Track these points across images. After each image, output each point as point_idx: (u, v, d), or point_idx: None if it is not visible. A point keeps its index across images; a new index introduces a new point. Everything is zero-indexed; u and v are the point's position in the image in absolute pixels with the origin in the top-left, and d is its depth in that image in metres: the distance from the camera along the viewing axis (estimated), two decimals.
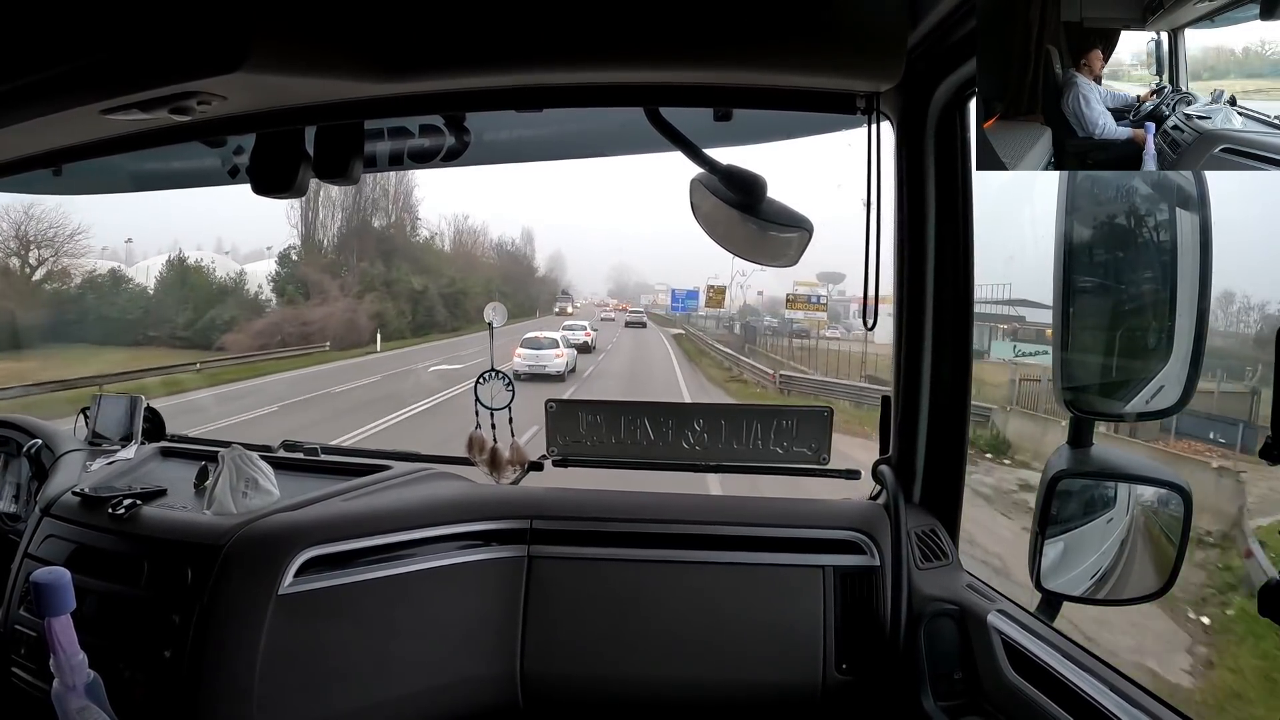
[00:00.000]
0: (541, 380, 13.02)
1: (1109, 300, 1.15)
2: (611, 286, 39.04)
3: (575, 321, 20.66)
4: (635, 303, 34.06)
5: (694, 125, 1.33)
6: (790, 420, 1.72)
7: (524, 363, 13.22)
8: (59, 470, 1.88)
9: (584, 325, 19.65)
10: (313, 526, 1.52)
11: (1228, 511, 5.74)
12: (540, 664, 1.58)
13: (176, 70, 1.04)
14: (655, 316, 30.44)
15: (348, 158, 1.37)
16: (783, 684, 1.54)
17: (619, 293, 37.27)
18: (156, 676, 1.41)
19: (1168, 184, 1.08)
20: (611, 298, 35.58)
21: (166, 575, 1.47)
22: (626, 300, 34.54)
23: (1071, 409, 1.16)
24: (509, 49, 1.16)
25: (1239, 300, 8.02)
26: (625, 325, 27.32)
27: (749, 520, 1.62)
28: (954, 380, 1.54)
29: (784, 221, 1.29)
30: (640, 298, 34.93)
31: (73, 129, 1.35)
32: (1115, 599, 1.25)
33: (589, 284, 38.55)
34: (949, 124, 1.44)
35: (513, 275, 31.43)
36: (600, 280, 39.76)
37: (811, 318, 21.84)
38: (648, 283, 36.39)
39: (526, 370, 13.06)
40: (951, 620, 1.44)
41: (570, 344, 15.40)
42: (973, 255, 1.49)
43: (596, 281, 39.48)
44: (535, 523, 1.64)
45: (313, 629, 1.46)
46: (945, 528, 1.59)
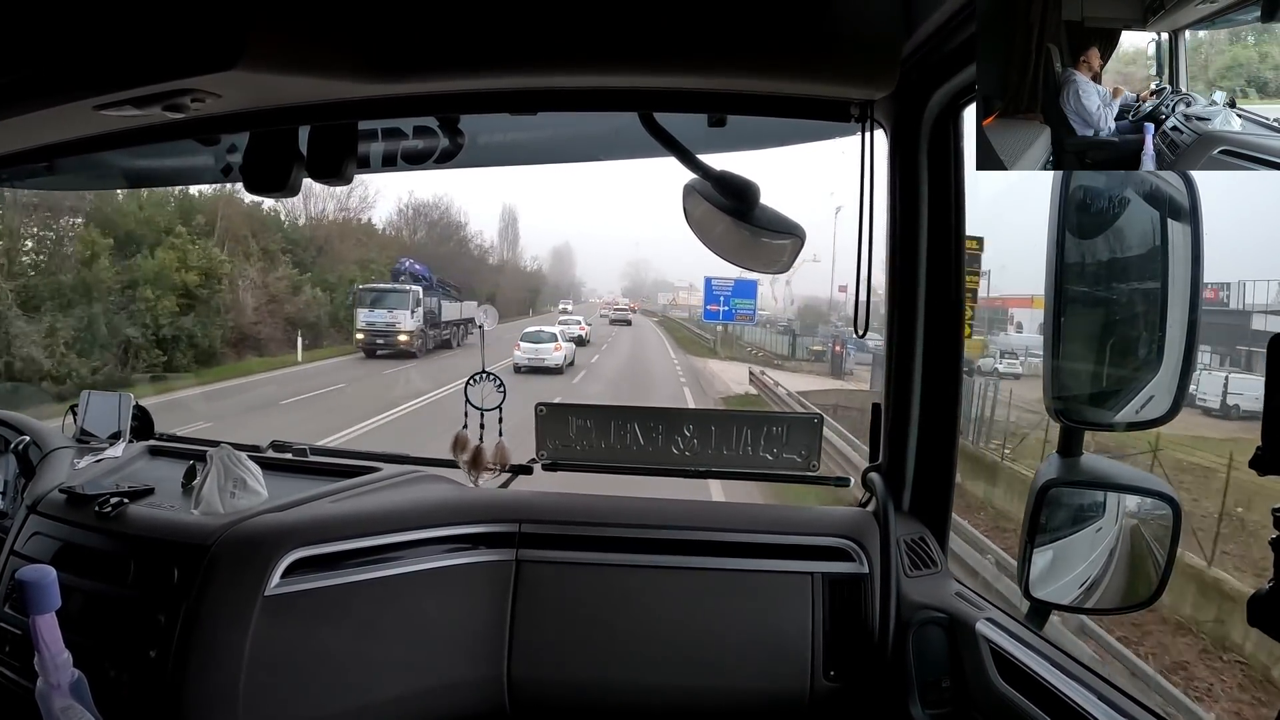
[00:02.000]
0: (541, 373, 13.32)
1: (1100, 310, 1.15)
2: (627, 284, 37.86)
3: (571, 316, 21.54)
4: (653, 302, 33.47)
5: (688, 131, 1.34)
6: (781, 427, 1.72)
7: (524, 356, 13.52)
8: (46, 467, 1.87)
9: (579, 320, 20.51)
10: (300, 527, 1.51)
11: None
12: (527, 668, 1.57)
13: (171, 67, 1.04)
14: (678, 331, 27.72)
15: (341, 158, 1.37)
16: (770, 691, 1.54)
17: (634, 291, 36.14)
18: (142, 676, 1.40)
19: (1159, 194, 1.09)
20: (624, 296, 34.59)
21: (153, 574, 1.46)
22: (640, 299, 33.70)
23: (1061, 418, 1.16)
24: (504, 52, 1.16)
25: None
26: (610, 323, 26.09)
27: (738, 526, 1.61)
28: (945, 389, 1.54)
29: (777, 228, 1.30)
30: (658, 297, 33.84)
31: (66, 125, 1.34)
32: (1104, 608, 1.25)
33: (604, 282, 37.34)
34: (942, 132, 1.44)
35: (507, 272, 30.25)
36: (615, 278, 38.53)
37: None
38: (666, 279, 35.19)
39: (526, 363, 13.38)
40: (940, 628, 1.44)
41: (568, 337, 15.72)
42: (964, 264, 1.50)
43: (611, 279, 38.28)
44: (524, 526, 1.64)
45: (299, 630, 1.45)
46: (934, 536, 1.59)
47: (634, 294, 36.00)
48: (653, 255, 41.43)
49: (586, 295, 35.55)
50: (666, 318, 33.38)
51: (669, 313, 34.05)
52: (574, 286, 36.05)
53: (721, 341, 22.48)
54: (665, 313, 34.38)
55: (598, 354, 18.49)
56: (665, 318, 33.44)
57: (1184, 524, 1.14)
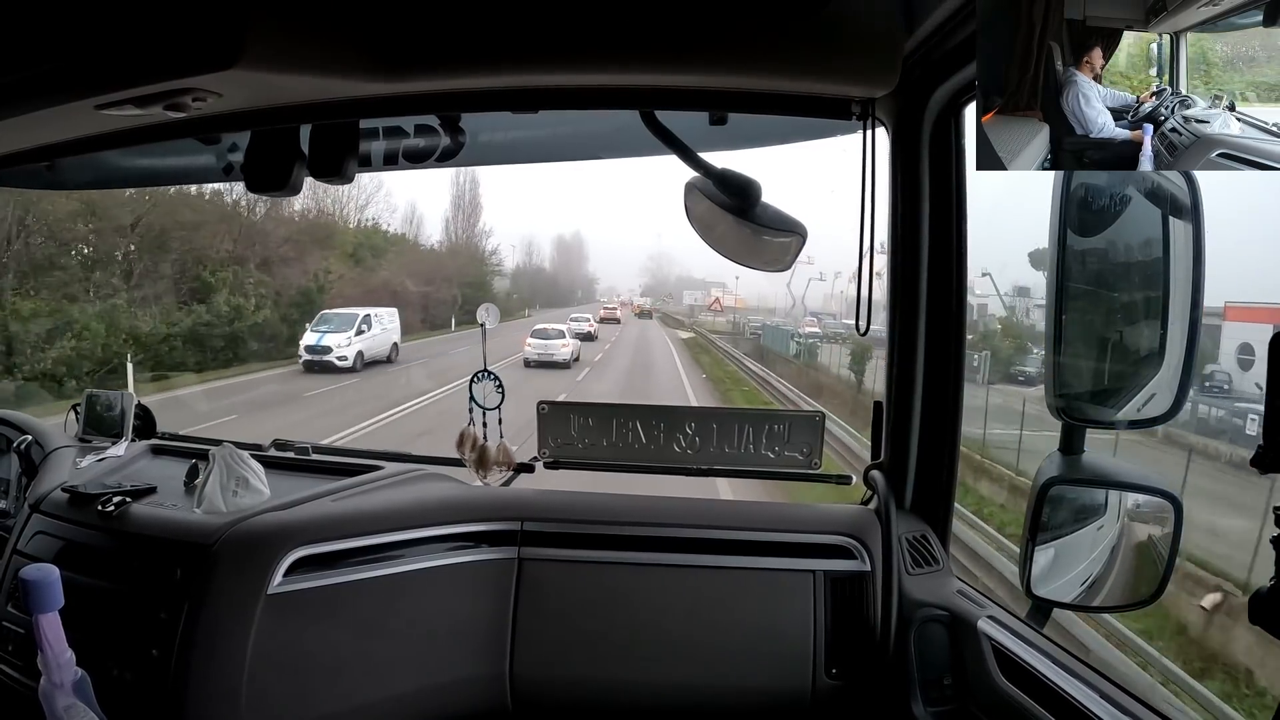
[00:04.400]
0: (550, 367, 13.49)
1: (1102, 308, 1.16)
2: (647, 280, 34.05)
3: (580, 314, 21.86)
4: (676, 301, 29.36)
5: (689, 129, 1.34)
6: (783, 424, 1.72)
7: (534, 351, 13.81)
8: (49, 467, 1.87)
9: (588, 317, 21.03)
10: (303, 526, 1.52)
11: None
12: (529, 666, 1.58)
13: (172, 66, 1.04)
14: (717, 369, 17.99)
15: (342, 157, 1.36)
16: (772, 688, 1.54)
17: (656, 289, 32.44)
18: (145, 675, 1.40)
19: (1161, 192, 1.09)
20: (645, 295, 31.27)
21: (156, 573, 1.46)
22: (664, 296, 30.09)
23: (1063, 416, 1.17)
24: (505, 50, 1.16)
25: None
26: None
27: (740, 524, 1.62)
28: (946, 386, 1.54)
29: (778, 226, 1.30)
30: (683, 296, 29.29)
31: (67, 124, 1.34)
32: (1105, 606, 1.25)
33: (621, 279, 34.11)
34: (944, 130, 1.44)
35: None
36: (634, 273, 34.91)
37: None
38: (692, 275, 30.25)
39: (536, 358, 13.62)
40: (941, 626, 1.45)
41: (576, 334, 16.05)
42: (966, 261, 1.49)
43: (629, 275, 34.81)
44: (526, 525, 1.64)
45: (302, 629, 1.46)
46: (936, 534, 1.59)
47: (655, 291, 31.90)
48: (677, 247, 33.42)
49: (603, 293, 31.98)
50: (698, 333, 24.29)
51: (696, 315, 26.79)
52: (586, 283, 32.99)
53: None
54: (694, 320, 26.60)
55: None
56: (697, 334, 24.32)
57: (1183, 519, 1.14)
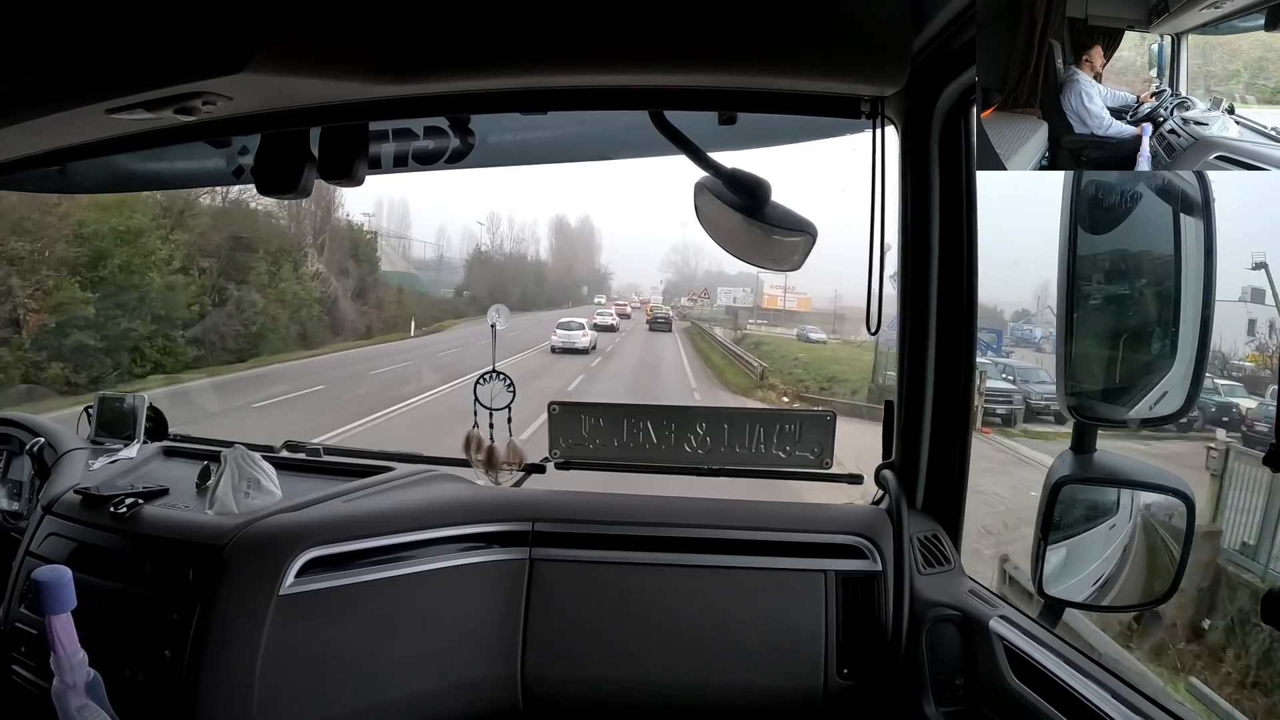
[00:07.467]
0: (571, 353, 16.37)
1: (1113, 306, 1.15)
2: (671, 276, 28.88)
3: (605, 309, 23.64)
4: (712, 299, 24.38)
5: (698, 129, 1.33)
6: (793, 424, 1.71)
7: (559, 340, 16.72)
8: (61, 469, 1.88)
9: (611, 312, 22.94)
10: (314, 527, 1.52)
11: None
12: (541, 667, 1.58)
13: (182, 70, 1.04)
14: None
15: (352, 159, 1.37)
16: (784, 688, 1.54)
17: (682, 285, 27.54)
18: (157, 675, 1.40)
19: (1172, 189, 1.08)
20: (664, 292, 27.13)
21: (168, 574, 1.47)
22: (696, 291, 25.70)
23: (1075, 414, 1.16)
24: (514, 51, 1.16)
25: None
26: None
27: (751, 524, 1.61)
28: (957, 385, 1.54)
29: (788, 225, 1.29)
30: (717, 294, 23.87)
31: (78, 128, 1.35)
32: (1118, 605, 1.25)
33: (643, 275, 29.96)
34: (954, 128, 1.44)
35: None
36: (655, 267, 30.19)
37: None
38: (725, 271, 24.50)
39: (560, 345, 16.61)
40: (953, 626, 1.44)
41: (598, 327, 18.97)
42: (977, 260, 1.49)
43: (650, 269, 30.84)
44: (537, 525, 1.64)
45: (313, 629, 1.46)
46: (948, 533, 1.59)
47: (680, 289, 26.89)
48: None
49: (619, 290, 28.08)
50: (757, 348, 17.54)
51: (741, 322, 21.38)
52: (597, 278, 29.07)
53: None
54: (740, 329, 20.73)
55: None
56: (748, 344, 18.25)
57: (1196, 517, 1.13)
